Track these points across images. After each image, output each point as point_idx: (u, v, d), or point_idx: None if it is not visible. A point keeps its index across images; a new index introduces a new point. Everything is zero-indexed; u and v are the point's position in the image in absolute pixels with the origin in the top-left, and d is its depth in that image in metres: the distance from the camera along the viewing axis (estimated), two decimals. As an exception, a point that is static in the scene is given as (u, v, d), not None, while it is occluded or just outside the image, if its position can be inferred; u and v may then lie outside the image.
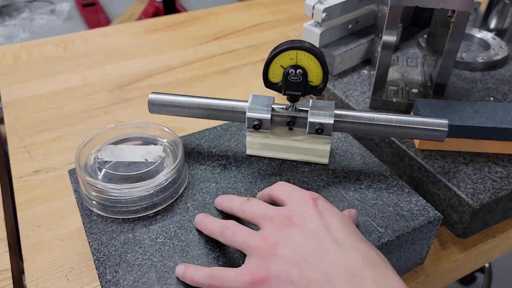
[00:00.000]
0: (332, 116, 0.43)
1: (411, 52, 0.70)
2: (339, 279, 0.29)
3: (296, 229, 0.33)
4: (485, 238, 0.49)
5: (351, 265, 0.30)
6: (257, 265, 0.32)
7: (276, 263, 0.31)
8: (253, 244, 0.33)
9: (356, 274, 0.30)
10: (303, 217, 0.33)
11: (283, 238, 0.32)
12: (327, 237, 0.32)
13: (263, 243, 0.33)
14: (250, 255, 0.33)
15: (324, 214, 0.34)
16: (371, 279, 0.29)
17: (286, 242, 0.32)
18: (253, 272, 0.32)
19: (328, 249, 0.31)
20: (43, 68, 0.77)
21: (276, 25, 0.94)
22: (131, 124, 0.46)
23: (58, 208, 0.51)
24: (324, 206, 0.35)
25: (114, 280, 0.36)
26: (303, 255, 0.31)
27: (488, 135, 0.48)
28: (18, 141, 0.61)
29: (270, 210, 0.35)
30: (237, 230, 0.35)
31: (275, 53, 0.41)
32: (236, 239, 0.34)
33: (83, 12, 2.53)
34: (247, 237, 0.34)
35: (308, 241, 0.32)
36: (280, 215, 0.34)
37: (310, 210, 0.34)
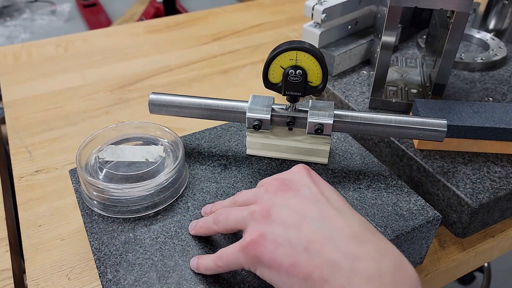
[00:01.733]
0: (332, 116, 0.43)
1: (410, 52, 0.70)
2: (341, 239, 0.29)
3: (292, 194, 0.32)
4: (484, 238, 0.49)
5: (352, 228, 0.30)
6: (252, 230, 0.31)
7: (271, 225, 0.31)
8: (246, 214, 0.32)
9: (357, 236, 0.30)
10: (298, 184, 0.33)
11: (279, 202, 0.32)
12: (325, 203, 0.32)
13: (257, 208, 0.32)
14: (246, 225, 0.32)
15: (318, 183, 0.34)
16: (371, 241, 0.30)
17: (282, 206, 0.31)
18: (249, 236, 0.31)
19: (327, 213, 0.31)
20: (44, 68, 0.78)
21: (276, 26, 0.94)
22: (132, 124, 0.47)
23: (59, 208, 0.51)
24: (317, 177, 0.35)
25: (115, 280, 0.36)
26: (301, 218, 0.30)
27: (487, 135, 0.49)
28: (19, 141, 0.61)
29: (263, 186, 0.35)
30: (229, 211, 0.34)
31: (275, 54, 0.41)
32: (231, 218, 0.34)
33: (84, 13, 2.54)
34: (241, 211, 0.33)
35: (306, 205, 0.31)
36: (274, 182, 0.33)
37: (304, 177, 0.34)
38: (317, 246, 0.29)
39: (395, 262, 0.29)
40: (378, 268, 0.28)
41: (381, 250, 0.29)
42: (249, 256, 0.31)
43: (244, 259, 0.31)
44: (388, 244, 0.30)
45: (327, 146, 0.46)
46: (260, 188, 0.35)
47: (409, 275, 0.29)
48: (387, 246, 0.30)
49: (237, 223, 0.33)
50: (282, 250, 0.30)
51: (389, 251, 0.30)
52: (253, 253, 0.30)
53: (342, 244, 0.29)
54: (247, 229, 0.32)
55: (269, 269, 0.30)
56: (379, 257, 0.29)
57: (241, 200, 0.36)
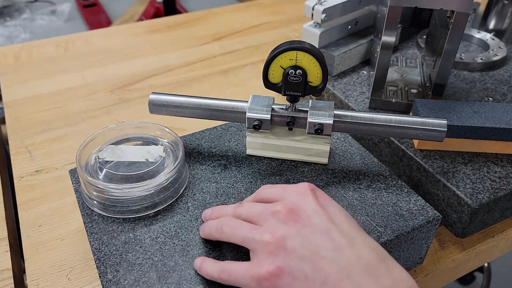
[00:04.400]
0: (332, 116, 0.43)
1: (410, 52, 0.70)
2: (357, 273, 0.29)
3: (302, 224, 0.32)
4: (484, 238, 0.49)
5: (366, 259, 0.30)
6: (266, 261, 0.31)
7: (287, 258, 0.30)
8: (258, 238, 0.32)
9: (371, 268, 0.29)
10: (306, 211, 0.32)
11: (291, 232, 0.31)
12: (336, 232, 0.31)
13: (270, 237, 0.31)
14: (256, 250, 0.32)
15: (326, 207, 0.33)
16: (386, 273, 0.30)
17: (295, 236, 0.31)
18: (263, 268, 0.30)
19: (339, 244, 0.30)
20: (44, 68, 0.78)
21: (276, 26, 0.94)
22: (132, 124, 0.47)
23: (59, 208, 0.51)
24: (324, 198, 0.34)
25: (115, 280, 0.36)
26: (314, 249, 0.30)
27: (487, 135, 0.49)
28: (19, 141, 0.61)
29: (268, 207, 0.34)
30: (237, 225, 0.34)
31: (275, 54, 0.41)
32: (238, 234, 0.33)
33: (84, 13, 2.54)
34: (250, 231, 0.33)
35: (318, 235, 0.31)
36: (282, 209, 0.33)
37: (311, 203, 0.33)
38: (333, 280, 0.29)
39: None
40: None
41: (394, 283, 0.29)
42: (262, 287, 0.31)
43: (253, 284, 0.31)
44: (401, 273, 0.30)
45: (327, 146, 0.46)
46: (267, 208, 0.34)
47: None
48: (401, 276, 0.30)
49: (245, 242, 0.33)
50: (299, 284, 0.29)
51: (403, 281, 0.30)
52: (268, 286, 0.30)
53: (357, 278, 0.29)
54: (257, 255, 0.32)
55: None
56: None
57: (244, 214, 0.35)
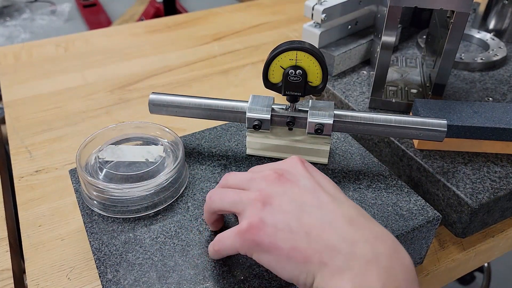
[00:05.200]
0: (332, 116, 0.44)
1: (410, 52, 0.70)
2: (339, 225, 0.30)
3: (290, 184, 0.33)
4: (484, 238, 0.49)
5: (348, 214, 0.31)
6: (251, 215, 0.32)
7: (272, 212, 0.31)
8: (245, 198, 0.33)
9: (353, 221, 0.31)
10: (295, 175, 0.34)
11: (279, 191, 0.32)
12: (321, 192, 0.33)
13: (256, 195, 0.32)
14: (243, 210, 0.33)
15: (314, 174, 0.35)
16: (367, 226, 0.31)
17: (282, 194, 0.32)
18: (247, 221, 0.31)
19: (324, 201, 0.32)
20: (44, 68, 0.78)
21: (276, 26, 0.94)
22: (132, 124, 0.47)
23: (59, 208, 0.51)
24: (312, 168, 0.36)
25: (115, 280, 0.36)
26: (300, 206, 0.31)
27: (487, 135, 0.49)
28: (19, 141, 0.61)
29: (257, 172, 0.35)
30: (224, 192, 0.35)
31: (275, 54, 0.41)
32: (226, 200, 0.34)
33: (84, 13, 2.54)
34: (237, 194, 0.34)
35: (304, 194, 0.32)
36: (272, 172, 0.34)
37: (300, 169, 0.35)
38: (317, 231, 0.30)
39: (390, 246, 0.30)
40: (375, 252, 0.29)
41: (376, 235, 0.30)
42: (246, 240, 0.31)
43: (240, 243, 0.32)
44: (383, 229, 0.32)
45: (327, 146, 0.46)
46: (255, 174, 0.35)
47: (404, 259, 0.30)
48: (382, 231, 0.31)
49: (232, 206, 0.34)
50: (282, 235, 0.30)
51: (384, 236, 0.31)
52: (251, 238, 0.31)
53: (340, 229, 0.30)
54: (244, 214, 0.32)
55: (268, 253, 0.31)
56: (375, 241, 0.30)
57: (231, 183, 0.36)
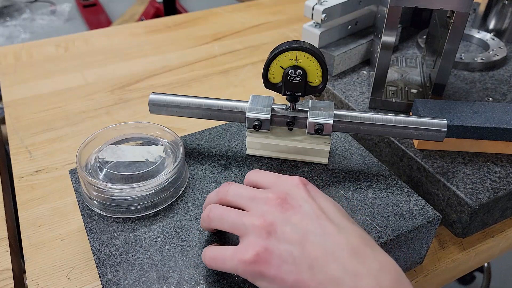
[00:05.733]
0: (332, 116, 0.44)
1: (410, 52, 0.70)
2: (343, 255, 0.30)
3: (293, 211, 0.32)
4: (484, 238, 0.49)
5: (352, 243, 0.31)
6: (256, 244, 0.31)
7: (276, 242, 0.31)
8: (248, 223, 0.32)
9: (358, 251, 0.30)
10: (298, 200, 0.33)
11: (282, 218, 0.32)
12: (325, 219, 0.32)
13: (260, 222, 0.31)
14: (245, 234, 0.32)
15: (316, 198, 0.34)
16: (372, 256, 0.30)
17: (285, 222, 0.31)
18: (253, 251, 0.30)
19: (328, 229, 0.31)
20: (44, 68, 0.78)
21: (276, 26, 0.94)
22: (132, 124, 0.47)
23: (58, 208, 0.51)
24: (314, 191, 0.35)
25: (115, 280, 0.36)
26: (303, 234, 0.31)
27: (487, 135, 0.49)
28: (19, 141, 0.61)
29: (259, 191, 0.34)
30: (224, 211, 0.34)
31: (275, 54, 0.41)
32: (226, 220, 0.33)
33: (84, 13, 2.53)
34: (239, 216, 0.33)
35: (307, 222, 0.31)
36: (274, 196, 0.33)
37: (303, 193, 0.34)
38: (320, 263, 0.29)
39: (394, 277, 0.30)
40: (378, 285, 0.29)
41: (381, 266, 0.30)
42: (250, 269, 0.31)
43: (242, 270, 0.31)
44: (387, 258, 0.31)
45: (327, 146, 0.46)
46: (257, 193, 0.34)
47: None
48: (386, 260, 0.31)
49: (233, 228, 0.33)
50: (287, 266, 0.30)
51: (389, 266, 0.30)
52: (256, 269, 0.30)
53: (344, 260, 0.29)
54: (247, 239, 0.32)
55: (271, 284, 0.30)
56: (379, 273, 0.29)
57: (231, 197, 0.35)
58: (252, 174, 0.38)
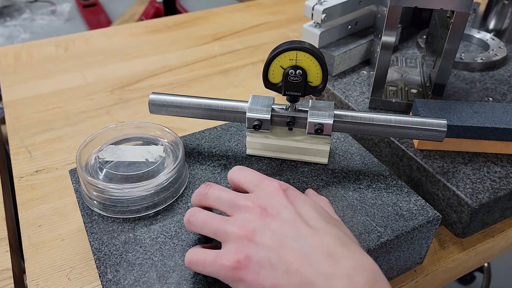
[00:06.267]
0: (332, 116, 0.44)
1: (410, 52, 0.70)
2: (317, 258, 0.31)
3: (272, 219, 0.33)
4: (484, 238, 0.49)
5: (326, 245, 0.31)
6: (237, 251, 0.32)
7: (256, 249, 0.32)
8: (229, 231, 0.33)
9: (331, 253, 0.31)
10: (277, 207, 0.34)
11: (261, 226, 0.33)
12: (301, 223, 0.33)
13: (241, 230, 0.33)
14: (227, 241, 0.33)
15: (295, 203, 0.35)
16: (346, 256, 0.31)
17: (264, 229, 0.33)
18: (234, 258, 0.32)
19: (303, 233, 0.32)
20: (44, 68, 0.78)
21: (276, 26, 0.94)
22: (132, 124, 0.47)
23: (58, 208, 0.51)
24: (294, 195, 0.36)
25: (115, 280, 0.36)
26: (281, 240, 0.32)
27: (487, 135, 0.49)
28: (19, 141, 0.61)
29: (240, 198, 0.35)
30: (207, 217, 0.35)
31: (275, 54, 0.41)
32: (208, 227, 0.35)
33: (84, 13, 2.53)
34: (220, 224, 0.34)
35: (285, 227, 0.33)
36: (254, 205, 0.34)
37: (282, 200, 0.35)
38: (295, 267, 0.30)
39: (369, 277, 0.30)
40: (352, 284, 0.29)
41: (356, 266, 0.30)
42: (230, 275, 0.32)
43: (224, 275, 0.32)
44: (364, 257, 0.31)
45: (327, 146, 0.46)
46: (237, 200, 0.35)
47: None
48: (363, 260, 0.31)
49: (216, 234, 0.34)
50: (265, 272, 0.31)
51: (364, 265, 0.31)
52: (236, 275, 0.32)
53: (317, 263, 0.30)
54: (228, 246, 0.33)
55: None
56: (354, 272, 0.30)
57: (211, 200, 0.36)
58: (235, 172, 0.39)
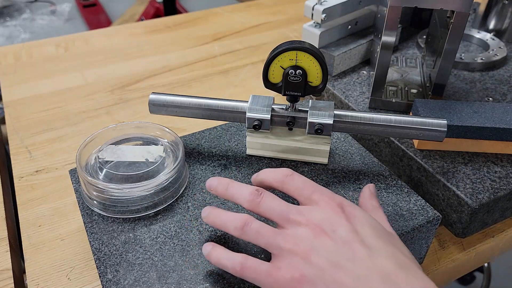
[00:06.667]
0: (332, 116, 0.44)
1: (410, 52, 0.70)
2: (373, 282, 0.30)
3: (327, 238, 0.32)
4: (484, 238, 0.49)
5: (384, 269, 0.30)
6: (292, 267, 0.32)
7: (310, 268, 0.31)
8: (283, 246, 0.33)
9: (390, 278, 0.30)
10: (333, 225, 0.33)
11: (316, 246, 0.32)
12: (358, 242, 0.32)
13: (296, 248, 0.32)
14: (280, 255, 0.33)
15: (352, 219, 0.34)
16: (405, 281, 0.30)
17: (319, 249, 0.32)
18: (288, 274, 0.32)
19: (360, 254, 0.31)
20: (44, 68, 0.78)
21: (276, 26, 0.94)
22: (132, 124, 0.47)
23: (58, 208, 0.51)
24: (351, 211, 0.35)
25: (115, 280, 0.36)
26: (336, 261, 0.31)
27: (487, 135, 0.49)
28: (19, 141, 0.61)
29: (293, 212, 0.34)
30: (261, 229, 0.34)
31: (275, 54, 0.41)
32: (262, 239, 0.34)
33: (84, 13, 2.53)
34: (274, 237, 0.33)
35: (340, 247, 0.32)
36: (309, 223, 0.33)
37: (339, 217, 0.34)
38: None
39: None
40: None
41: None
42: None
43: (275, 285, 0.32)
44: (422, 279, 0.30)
45: (327, 146, 0.46)
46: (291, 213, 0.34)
47: None
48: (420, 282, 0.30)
49: (268, 247, 0.34)
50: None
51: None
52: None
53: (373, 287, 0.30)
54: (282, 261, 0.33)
55: None
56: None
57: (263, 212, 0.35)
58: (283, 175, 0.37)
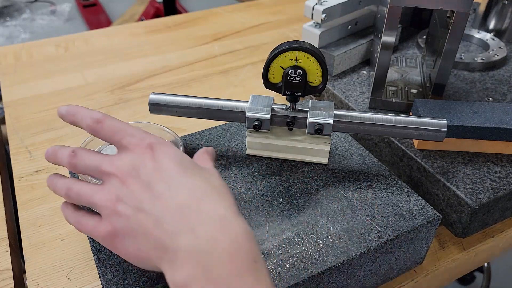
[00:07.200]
0: (332, 116, 0.44)
1: (410, 52, 0.70)
2: (168, 220, 0.30)
3: (132, 182, 0.33)
4: (484, 238, 0.49)
5: (178, 201, 0.31)
6: (107, 222, 0.33)
7: (118, 219, 0.32)
8: (98, 203, 0.33)
9: (183, 209, 0.31)
10: (137, 168, 0.33)
11: (121, 194, 0.33)
12: (158, 181, 0.32)
13: (105, 202, 0.33)
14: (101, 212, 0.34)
15: (158, 157, 0.34)
16: (197, 209, 0.31)
17: (124, 197, 0.32)
18: (104, 228, 0.33)
19: (159, 192, 0.32)
20: (44, 68, 0.78)
21: (276, 26, 0.94)
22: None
23: (58, 208, 0.51)
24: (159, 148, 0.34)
25: (115, 280, 0.36)
26: (138, 205, 0.32)
27: (487, 135, 0.49)
28: (19, 141, 0.61)
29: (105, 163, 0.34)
30: (81, 190, 0.35)
31: (275, 54, 0.41)
32: (82, 200, 0.34)
33: (84, 13, 2.53)
34: (91, 195, 0.34)
35: (143, 190, 0.32)
36: (118, 171, 0.33)
37: (144, 158, 0.34)
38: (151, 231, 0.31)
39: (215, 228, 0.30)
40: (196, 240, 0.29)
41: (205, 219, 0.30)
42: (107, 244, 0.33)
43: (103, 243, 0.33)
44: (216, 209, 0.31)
45: (327, 146, 0.46)
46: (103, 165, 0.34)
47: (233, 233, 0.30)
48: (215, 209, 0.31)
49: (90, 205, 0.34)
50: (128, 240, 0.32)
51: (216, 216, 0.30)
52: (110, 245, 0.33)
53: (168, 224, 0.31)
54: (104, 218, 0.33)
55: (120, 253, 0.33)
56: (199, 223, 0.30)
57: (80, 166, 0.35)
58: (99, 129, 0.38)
